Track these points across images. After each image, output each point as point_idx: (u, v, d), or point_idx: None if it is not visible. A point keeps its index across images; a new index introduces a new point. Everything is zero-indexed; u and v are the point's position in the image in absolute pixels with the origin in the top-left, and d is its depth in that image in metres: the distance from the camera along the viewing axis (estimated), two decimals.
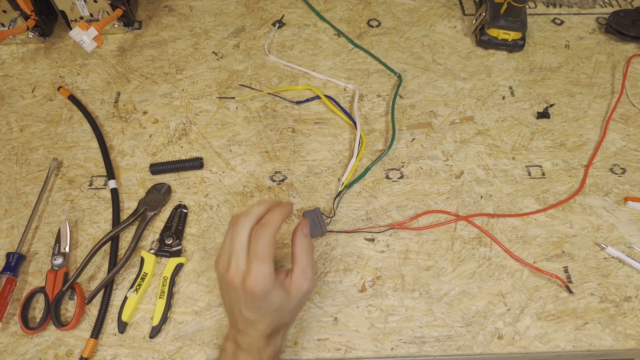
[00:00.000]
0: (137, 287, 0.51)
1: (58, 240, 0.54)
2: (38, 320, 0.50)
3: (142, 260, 0.53)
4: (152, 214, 0.56)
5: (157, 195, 0.57)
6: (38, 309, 0.51)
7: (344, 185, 0.58)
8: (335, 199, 0.58)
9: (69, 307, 0.51)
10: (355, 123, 0.64)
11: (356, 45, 0.74)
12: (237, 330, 0.44)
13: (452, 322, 0.51)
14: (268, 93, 0.68)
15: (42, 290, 0.51)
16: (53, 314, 0.50)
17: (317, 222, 0.55)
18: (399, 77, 0.70)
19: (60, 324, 0.49)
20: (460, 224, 0.57)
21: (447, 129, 0.65)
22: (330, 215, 0.57)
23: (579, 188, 0.59)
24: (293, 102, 0.67)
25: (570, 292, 0.52)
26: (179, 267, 0.53)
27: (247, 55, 0.73)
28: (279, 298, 0.42)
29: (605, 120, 0.66)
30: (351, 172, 0.60)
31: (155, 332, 0.49)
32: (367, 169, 0.60)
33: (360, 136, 0.62)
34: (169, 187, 0.58)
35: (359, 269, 0.54)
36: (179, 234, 0.55)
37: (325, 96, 0.67)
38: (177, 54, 0.73)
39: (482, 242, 0.56)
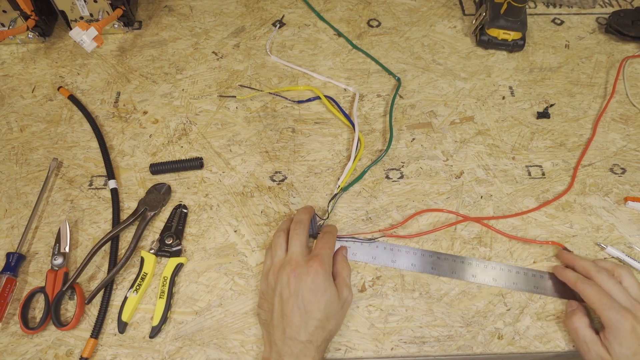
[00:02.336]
0: (137, 287, 0.51)
1: (58, 240, 0.54)
2: (38, 320, 0.50)
3: (142, 260, 0.53)
4: (152, 214, 0.56)
5: (157, 195, 0.57)
6: (38, 309, 0.51)
7: (340, 188, 0.58)
8: (330, 202, 0.57)
9: (69, 307, 0.51)
10: (354, 126, 0.63)
11: (355, 47, 0.74)
12: (281, 344, 0.44)
13: (452, 322, 0.51)
14: (269, 93, 0.68)
15: (42, 290, 0.51)
16: (53, 314, 0.50)
17: (310, 223, 0.55)
18: (398, 80, 0.70)
19: (60, 324, 0.49)
20: (460, 224, 0.57)
21: (447, 129, 0.65)
22: (324, 218, 0.56)
23: (567, 187, 0.60)
24: (294, 101, 0.67)
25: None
26: (179, 267, 0.53)
27: (247, 55, 0.73)
28: (332, 294, 0.46)
29: (595, 120, 0.66)
30: (347, 175, 0.59)
31: (155, 332, 0.49)
32: (364, 172, 0.60)
33: (359, 139, 0.62)
34: (169, 187, 0.58)
35: (359, 268, 0.54)
36: (179, 234, 0.55)
37: (326, 97, 0.67)
38: (177, 54, 0.73)
39: (482, 242, 0.56)
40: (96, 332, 0.49)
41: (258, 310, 0.49)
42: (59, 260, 0.53)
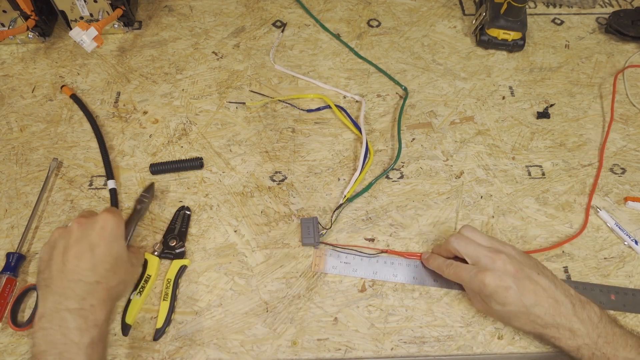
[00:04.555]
0: (141, 290, 0.51)
1: None
2: (26, 319, 0.50)
3: (146, 262, 0.53)
4: (139, 206, 0.56)
5: (148, 192, 0.57)
6: (29, 306, 0.51)
7: (346, 198, 0.57)
8: (334, 212, 0.57)
9: None
10: (362, 134, 0.62)
11: (358, 55, 0.73)
12: (62, 291, 0.42)
13: (452, 322, 0.51)
14: (279, 100, 0.67)
15: (35, 287, 0.51)
16: None
17: (311, 232, 0.54)
18: (405, 89, 0.69)
19: None
20: (459, 223, 0.57)
21: (447, 129, 0.65)
22: (327, 227, 0.56)
23: (582, 227, 0.57)
24: (304, 110, 0.66)
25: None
26: (182, 269, 0.53)
27: (247, 55, 0.73)
28: (122, 246, 0.47)
29: (608, 123, 0.66)
30: (355, 185, 0.58)
31: (159, 334, 0.49)
32: (371, 184, 0.59)
33: (368, 149, 0.61)
34: (152, 184, 0.58)
35: None
36: (182, 236, 0.55)
37: (336, 106, 0.66)
38: (177, 54, 0.73)
39: None
40: None
41: (38, 280, 0.45)
42: None
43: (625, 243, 0.56)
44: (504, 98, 0.69)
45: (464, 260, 0.49)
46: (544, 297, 0.45)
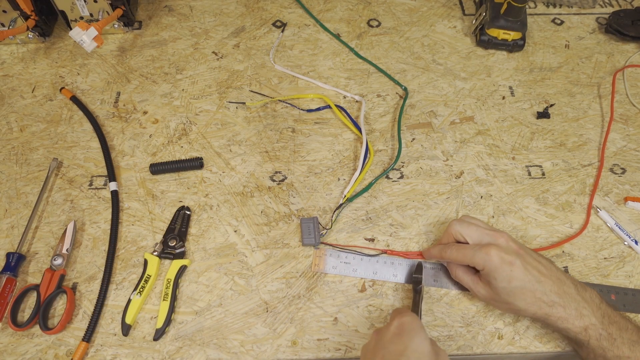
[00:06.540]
0: (141, 290, 0.51)
1: (62, 240, 0.54)
2: (26, 319, 0.50)
3: (146, 262, 0.53)
4: (418, 287, 0.51)
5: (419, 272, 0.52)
6: (29, 306, 0.51)
7: (346, 198, 0.58)
8: (334, 212, 0.57)
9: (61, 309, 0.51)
10: (362, 133, 0.62)
11: (358, 55, 0.73)
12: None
13: (452, 322, 0.51)
14: (279, 100, 0.67)
15: (36, 287, 0.51)
16: (41, 317, 0.49)
17: (311, 232, 0.54)
18: (405, 89, 0.69)
19: (47, 328, 0.49)
20: None
21: (447, 129, 0.65)
22: (327, 227, 0.56)
23: (584, 225, 0.57)
24: (304, 110, 0.67)
25: None
26: (182, 269, 0.53)
27: (247, 55, 0.73)
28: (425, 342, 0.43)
29: (608, 123, 0.66)
30: (354, 185, 0.58)
31: (159, 334, 0.49)
32: (371, 184, 0.59)
33: (368, 149, 0.61)
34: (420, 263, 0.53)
35: None
36: (182, 236, 0.55)
37: (336, 106, 0.66)
38: (177, 54, 0.73)
39: None
40: (88, 335, 0.48)
41: None
42: (58, 261, 0.52)
43: (625, 243, 0.56)
44: (504, 98, 0.69)
45: None
46: (547, 273, 0.45)
